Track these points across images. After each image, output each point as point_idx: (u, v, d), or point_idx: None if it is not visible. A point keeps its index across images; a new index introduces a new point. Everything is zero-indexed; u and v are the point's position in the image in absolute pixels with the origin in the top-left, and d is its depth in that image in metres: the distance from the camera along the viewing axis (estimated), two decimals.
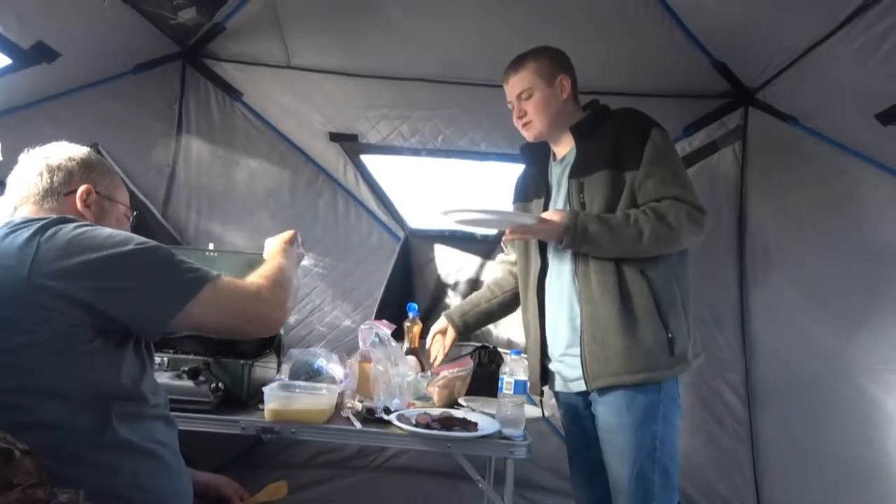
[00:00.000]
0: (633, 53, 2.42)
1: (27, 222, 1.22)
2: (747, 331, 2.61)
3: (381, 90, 2.69)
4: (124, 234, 1.25)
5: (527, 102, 1.93)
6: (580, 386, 1.83)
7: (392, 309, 2.74)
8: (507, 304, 2.23)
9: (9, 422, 1.08)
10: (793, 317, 2.44)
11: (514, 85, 1.94)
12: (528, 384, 1.92)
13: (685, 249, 1.85)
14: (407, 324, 2.31)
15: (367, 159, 2.86)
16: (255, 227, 2.84)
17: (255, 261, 2.29)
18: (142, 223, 2.55)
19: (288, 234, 1.70)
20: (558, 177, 1.98)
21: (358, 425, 1.76)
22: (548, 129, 1.94)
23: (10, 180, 1.37)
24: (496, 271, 2.32)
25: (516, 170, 2.89)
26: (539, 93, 1.91)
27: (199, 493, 1.46)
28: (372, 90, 2.69)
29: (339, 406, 1.91)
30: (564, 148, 1.97)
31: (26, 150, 1.40)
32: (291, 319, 2.88)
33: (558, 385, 1.96)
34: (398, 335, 2.35)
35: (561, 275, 1.89)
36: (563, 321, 1.87)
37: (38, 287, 1.14)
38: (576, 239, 1.74)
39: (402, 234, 2.95)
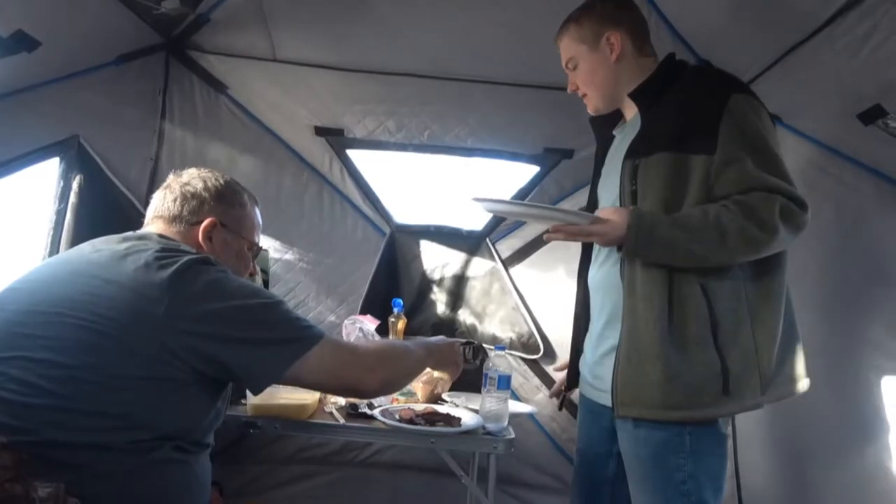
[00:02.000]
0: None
1: (171, 253, 1.25)
2: None
3: (367, 85, 2.67)
4: (251, 286, 1.32)
5: (575, 73, 1.65)
6: (604, 400, 1.58)
7: (377, 304, 2.74)
8: None
9: (81, 442, 1.11)
10: (794, 307, 2.46)
11: (562, 55, 1.67)
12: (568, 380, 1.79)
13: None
14: (392, 319, 2.31)
15: (353, 154, 2.85)
16: None
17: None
18: (124, 217, 2.52)
19: (452, 346, 1.70)
20: (614, 149, 1.67)
21: (341, 420, 1.76)
22: (606, 100, 1.64)
23: (153, 197, 1.49)
24: None
25: (503, 166, 2.92)
26: (583, 61, 1.62)
27: None
28: (358, 85, 2.67)
29: (322, 401, 1.90)
30: (631, 112, 1.65)
31: (175, 171, 1.51)
32: None
33: (582, 385, 1.75)
34: (383, 330, 2.36)
35: (603, 272, 1.61)
36: (599, 326, 1.63)
37: (169, 328, 1.17)
38: (639, 244, 1.41)
39: (387, 230, 2.95)
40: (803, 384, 1.57)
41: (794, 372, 1.54)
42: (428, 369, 2.05)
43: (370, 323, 2.01)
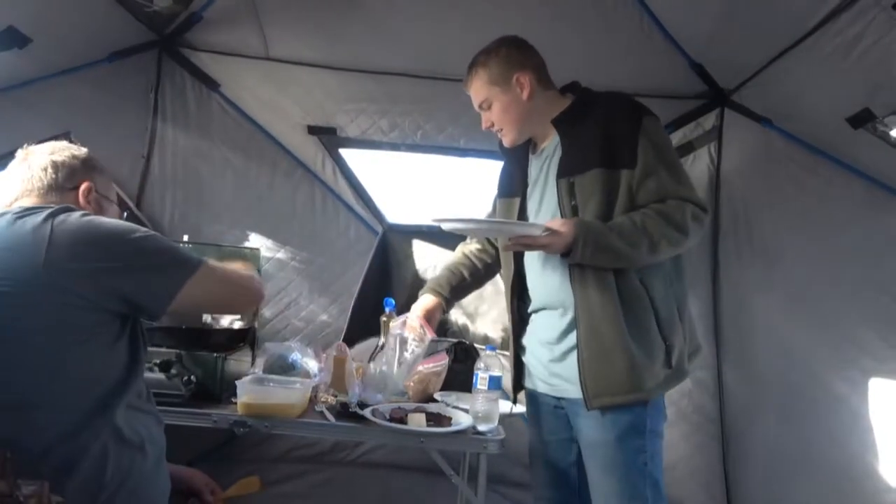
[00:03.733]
0: (610, 53, 2.44)
1: (34, 209, 1.29)
2: (719, 329, 2.65)
3: (360, 84, 2.67)
4: (127, 223, 1.38)
5: (489, 112, 1.78)
6: (562, 393, 1.73)
7: (369, 303, 2.74)
8: (489, 271, 2.08)
9: (15, 402, 1.17)
10: (764, 315, 2.48)
11: (473, 97, 1.81)
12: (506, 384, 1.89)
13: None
14: (384, 318, 2.30)
15: (346, 153, 2.84)
16: (231, 218, 2.82)
17: (230, 253, 2.28)
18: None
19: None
20: (537, 172, 1.82)
21: (332, 420, 1.76)
22: (521, 133, 1.80)
23: (7, 174, 1.44)
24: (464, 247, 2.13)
25: (495, 166, 2.92)
26: (497, 101, 1.75)
27: (175, 488, 1.47)
28: (351, 84, 2.67)
29: (312, 400, 1.90)
30: (545, 139, 1.81)
31: (25, 146, 1.48)
32: (267, 313, 2.86)
33: (533, 383, 1.86)
34: (375, 330, 2.35)
35: (548, 282, 1.74)
36: (551, 331, 1.74)
37: (53, 269, 1.21)
38: (585, 251, 1.58)
39: (379, 229, 2.95)
40: (700, 351, 1.84)
41: (696, 342, 1.82)
42: (418, 368, 2.06)
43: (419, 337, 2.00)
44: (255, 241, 2.81)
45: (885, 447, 2.06)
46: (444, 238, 2.98)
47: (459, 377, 2.16)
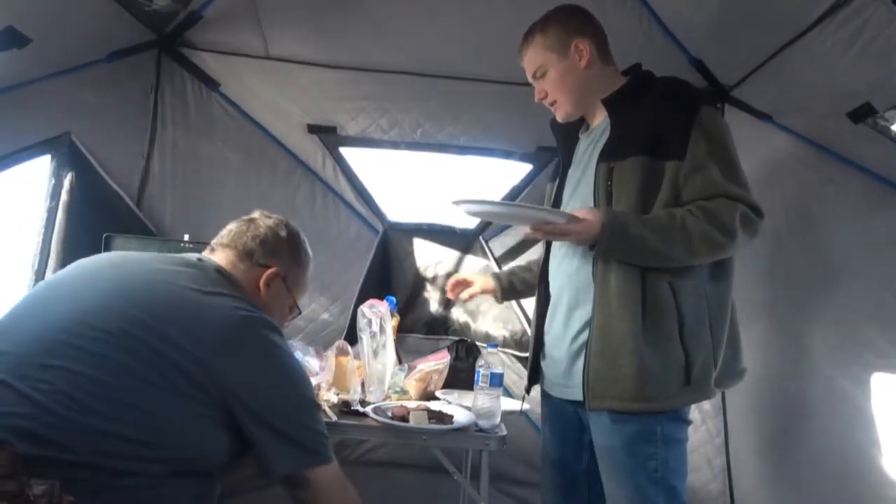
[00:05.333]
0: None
1: (241, 303, 1.31)
2: None
3: (360, 82, 2.67)
4: (306, 378, 1.39)
5: (543, 81, 1.68)
6: (574, 396, 1.63)
7: None
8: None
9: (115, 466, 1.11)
10: (765, 312, 2.47)
11: (527, 65, 1.71)
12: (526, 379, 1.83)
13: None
14: None
15: (346, 152, 2.84)
16: (231, 218, 2.78)
17: None
18: (115, 215, 2.52)
19: None
20: (582, 152, 1.72)
21: (334, 418, 1.76)
22: (576, 106, 1.68)
23: (233, 224, 1.51)
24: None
25: (496, 165, 2.92)
26: (553, 69, 1.65)
27: None
28: (351, 82, 2.67)
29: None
30: (597, 118, 1.70)
31: (261, 212, 1.54)
32: None
33: (547, 384, 1.79)
34: None
35: (572, 271, 1.64)
36: (566, 324, 1.65)
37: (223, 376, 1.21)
38: (612, 244, 1.47)
39: (380, 228, 2.95)
40: (743, 375, 1.69)
41: (738, 365, 1.66)
42: (420, 366, 2.06)
43: (383, 307, 1.98)
44: None
45: (889, 442, 2.06)
46: (445, 236, 2.98)
47: (461, 375, 2.17)
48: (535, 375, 1.83)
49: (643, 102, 1.58)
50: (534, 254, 2.82)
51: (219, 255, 1.46)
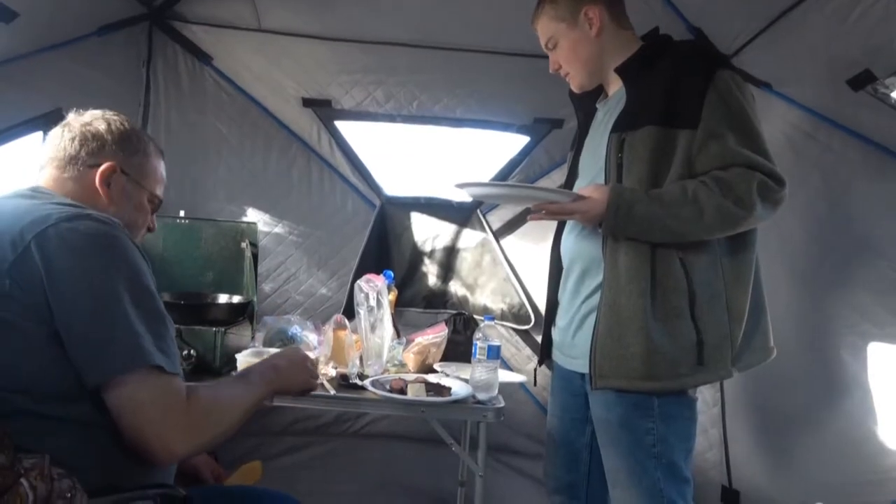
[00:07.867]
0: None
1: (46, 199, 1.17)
2: None
3: (354, 55, 2.64)
4: (141, 267, 1.15)
5: (556, 52, 1.64)
6: (578, 368, 1.62)
7: None
8: None
9: None
10: (762, 281, 2.47)
11: (540, 35, 1.66)
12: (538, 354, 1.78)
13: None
14: None
15: (342, 125, 2.82)
16: (227, 193, 2.80)
17: (227, 228, 2.26)
18: None
19: (293, 359, 1.55)
20: (598, 122, 1.67)
21: (332, 392, 1.77)
22: (590, 76, 1.64)
23: (49, 135, 1.32)
24: None
25: (493, 137, 2.90)
26: (564, 39, 1.61)
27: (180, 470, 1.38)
28: (345, 55, 2.64)
29: None
30: (614, 86, 1.65)
31: (76, 110, 1.36)
32: (267, 288, 2.86)
33: (555, 352, 1.77)
34: None
35: (583, 244, 1.60)
36: (575, 292, 1.63)
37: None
38: (618, 222, 1.43)
39: (377, 202, 2.93)
40: (770, 354, 1.59)
41: (763, 343, 1.57)
42: (418, 340, 2.06)
43: (380, 281, 1.98)
44: (253, 215, 2.80)
45: (885, 411, 2.07)
46: (442, 210, 2.97)
47: (459, 348, 2.17)
48: (548, 349, 1.81)
49: (658, 68, 1.50)
50: (535, 226, 2.81)
51: (43, 176, 1.29)
